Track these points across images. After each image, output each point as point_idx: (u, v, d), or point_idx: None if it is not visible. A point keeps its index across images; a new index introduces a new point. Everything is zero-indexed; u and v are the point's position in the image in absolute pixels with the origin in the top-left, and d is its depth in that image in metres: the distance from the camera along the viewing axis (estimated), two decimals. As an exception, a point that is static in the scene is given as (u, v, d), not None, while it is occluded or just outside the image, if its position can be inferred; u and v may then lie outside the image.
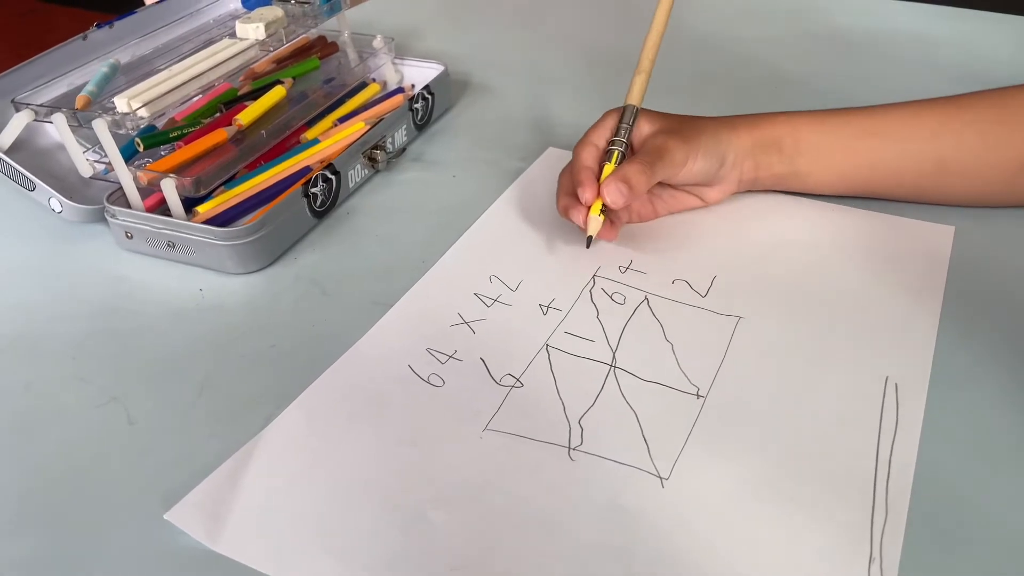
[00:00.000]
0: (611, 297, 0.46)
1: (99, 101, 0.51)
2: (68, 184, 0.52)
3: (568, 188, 0.49)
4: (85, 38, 0.57)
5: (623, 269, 0.49)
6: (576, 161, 0.48)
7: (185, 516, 0.34)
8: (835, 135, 0.50)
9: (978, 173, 0.49)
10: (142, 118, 0.49)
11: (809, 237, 0.50)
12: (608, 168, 0.47)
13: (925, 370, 0.40)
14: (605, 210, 0.47)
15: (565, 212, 0.48)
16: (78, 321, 0.46)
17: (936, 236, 0.49)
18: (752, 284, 0.47)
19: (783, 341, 0.43)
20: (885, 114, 0.50)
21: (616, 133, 0.48)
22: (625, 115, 0.49)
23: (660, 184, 0.49)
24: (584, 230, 0.48)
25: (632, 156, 0.47)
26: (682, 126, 0.49)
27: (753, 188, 0.52)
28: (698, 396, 0.40)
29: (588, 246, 0.48)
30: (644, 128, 0.49)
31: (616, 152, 0.48)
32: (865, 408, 0.38)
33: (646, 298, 0.46)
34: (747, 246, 0.50)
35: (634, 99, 0.49)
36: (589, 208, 0.47)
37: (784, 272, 0.47)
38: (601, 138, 0.49)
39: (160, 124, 0.55)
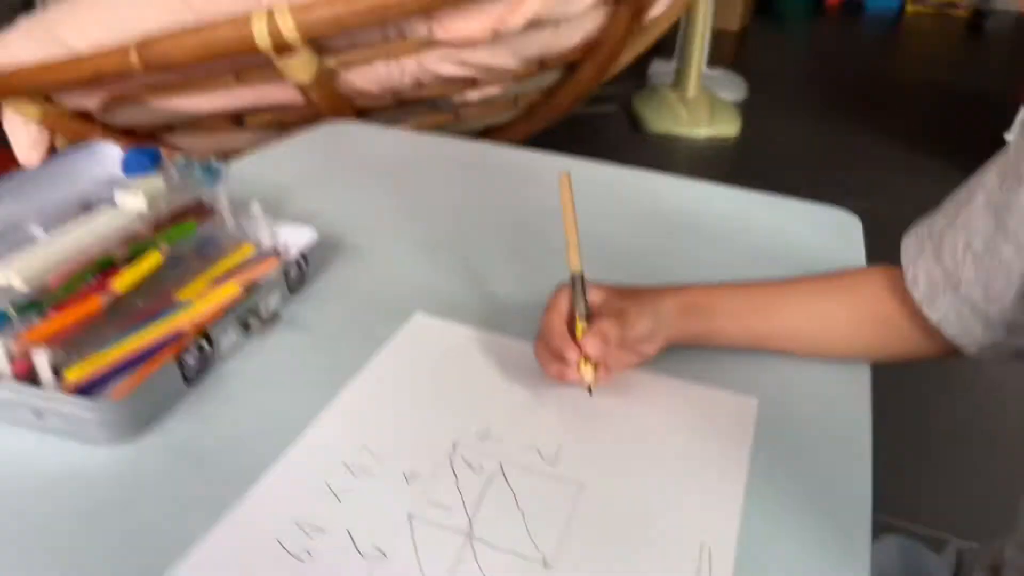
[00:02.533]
0: (470, 465, 0.51)
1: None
2: (-72, 349, 0.52)
3: (551, 357, 0.56)
4: (-42, 201, 0.58)
5: (481, 437, 0.53)
6: (550, 332, 0.56)
7: None
8: (746, 303, 0.61)
9: (846, 332, 0.61)
10: (18, 290, 0.50)
11: (641, 408, 0.57)
12: (580, 327, 0.55)
13: (732, 534, 0.47)
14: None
15: (561, 376, 0.55)
16: (-68, 497, 0.45)
17: (742, 407, 0.58)
18: (593, 453, 0.53)
19: (618, 508, 0.48)
20: (777, 288, 0.62)
21: (575, 300, 0.57)
22: (576, 283, 0.57)
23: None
24: (582, 384, 0.55)
25: (597, 316, 0.56)
26: (623, 294, 0.59)
27: (677, 343, 0.60)
28: (544, 564, 0.44)
29: (591, 392, 0.55)
30: (594, 295, 0.58)
31: (583, 315, 0.56)
32: (684, 573, 0.44)
33: (500, 466, 0.51)
34: (590, 415, 0.56)
35: (577, 267, 0.57)
36: (579, 365, 0.54)
37: (620, 441, 0.54)
38: (563, 307, 0.57)
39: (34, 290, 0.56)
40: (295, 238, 0.71)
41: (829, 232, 0.87)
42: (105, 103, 1.15)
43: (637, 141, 3.02)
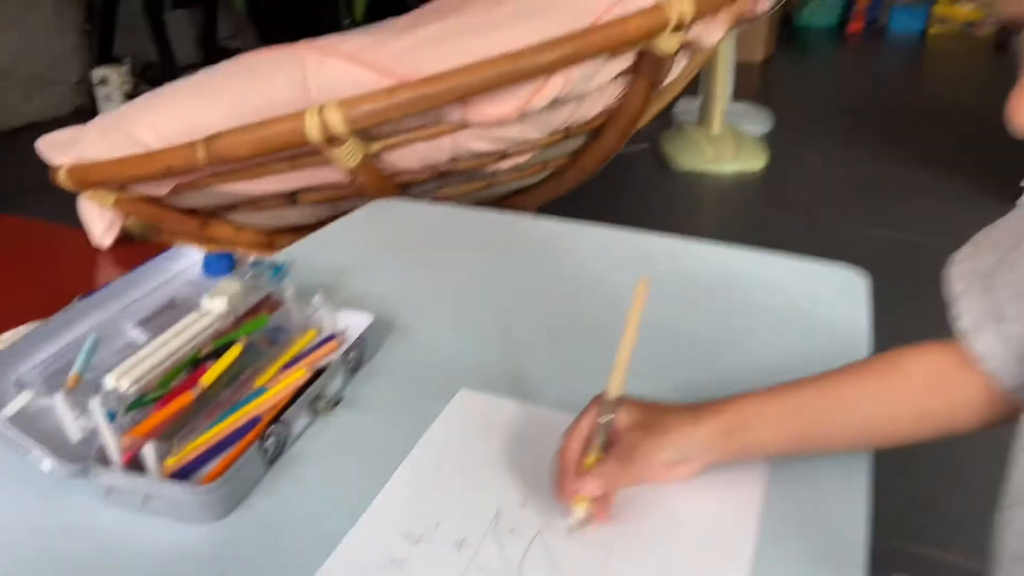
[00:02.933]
0: (511, 531, 0.59)
1: (87, 376, 0.62)
2: (55, 442, 0.61)
3: (559, 472, 0.59)
4: (69, 310, 0.68)
5: (522, 505, 0.61)
6: (564, 454, 0.59)
7: None
8: (781, 409, 0.61)
9: (887, 428, 0.61)
10: (128, 394, 0.60)
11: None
12: (591, 459, 0.58)
13: (745, 591, 0.54)
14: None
15: (557, 497, 0.58)
16: (58, 574, 0.54)
17: (752, 469, 0.64)
18: (621, 518, 0.60)
19: (641, 568, 0.56)
20: (814, 388, 0.62)
21: (598, 429, 0.59)
22: (604, 408, 0.59)
23: None
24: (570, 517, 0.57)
25: (610, 452, 0.58)
26: (653, 422, 0.59)
27: (720, 462, 0.61)
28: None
29: (571, 533, 0.57)
30: (623, 418, 0.59)
31: (598, 445, 0.58)
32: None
33: (539, 532, 0.59)
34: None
35: (614, 394, 0.60)
36: (574, 499, 0.56)
37: (640, 508, 0.61)
38: (586, 427, 0.59)
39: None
40: (353, 321, 0.80)
41: (836, 290, 0.93)
42: (172, 190, 1.26)
43: (666, 179, 3.09)
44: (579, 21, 1.11)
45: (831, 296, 0.92)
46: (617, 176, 3.28)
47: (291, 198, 1.30)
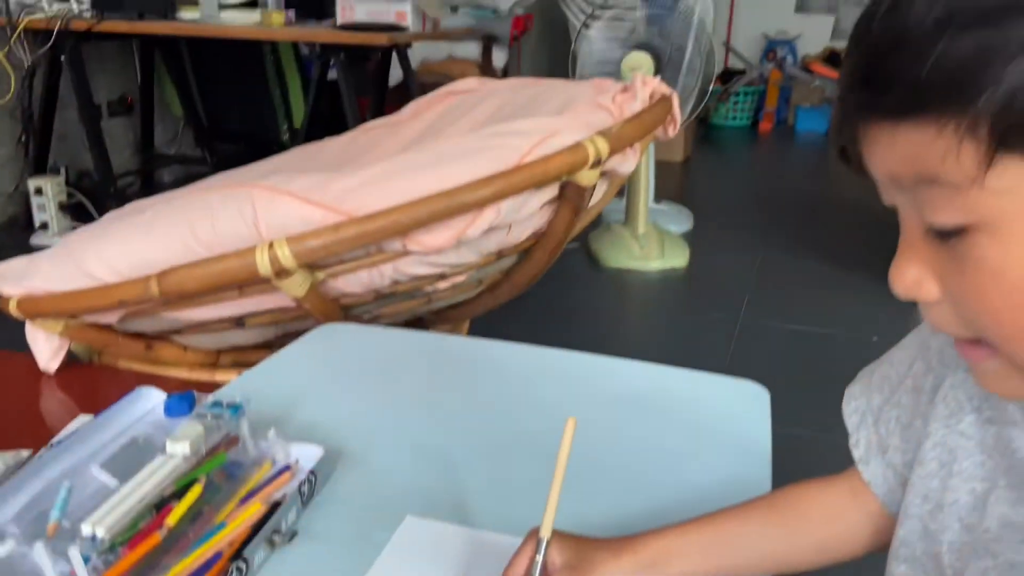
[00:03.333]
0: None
1: (64, 524, 0.67)
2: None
3: None
4: (40, 458, 0.73)
5: (466, 629, 0.68)
6: None
7: None
8: (694, 543, 0.68)
9: (790, 559, 0.69)
10: (103, 540, 0.65)
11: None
12: None
13: None
14: None
15: None
16: None
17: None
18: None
19: None
20: (726, 523, 0.69)
21: (531, 564, 0.64)
22: (540, 547, 0.64)
23: None
24: None
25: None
26: (582, 560, 0.65)
27: None
28: None
29: None
30: (554, 557, 0.65)
31: None
32: None
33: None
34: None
35: (544, 532, 0.64)
36: None
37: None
38: (521, 567, 0.64)
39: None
40: (305, 453, 0.87)
41: (741, 402, 1.05)
42: (121, 318, 1.32)
43: (596, 276, 3.25)
44: (507, 160, 1.24)
45: (737, 410, 1.03)
46: (550, 273, 3.44)
47: (239, 322, 1.37)
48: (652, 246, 3.31)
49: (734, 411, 1.03)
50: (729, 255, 3.46)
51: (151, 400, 0.84)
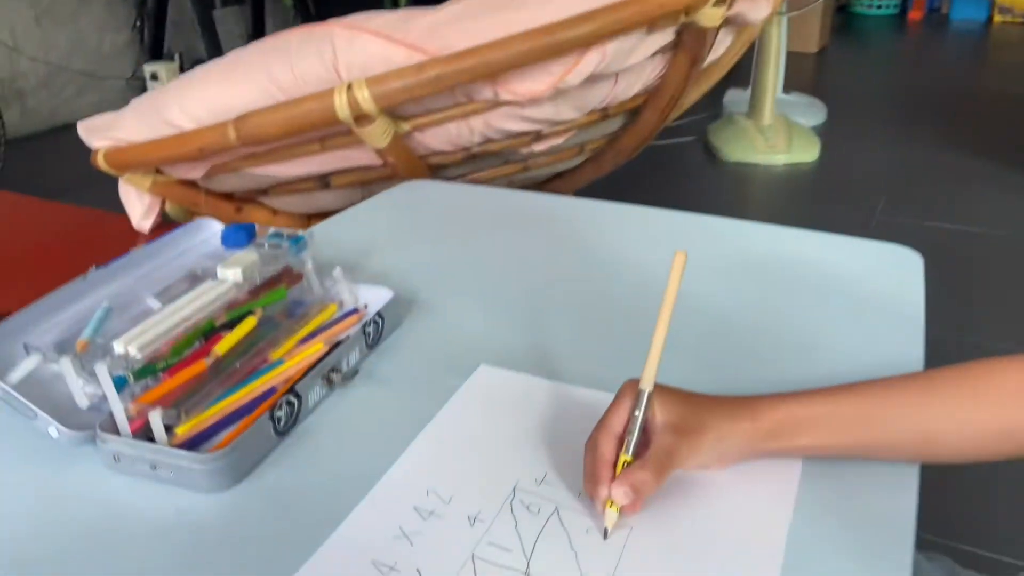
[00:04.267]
0: (528, 508, 0.56)
1: (97, 342, 0.61)
2: (64, 410, 0.60)
3: (591, 473, 0.54)
4: (85, 278, 0.68)
5: (538, 481, 0.58)
6: (595, 452, 0.55)
7: None
8: (833, 415, 0.56)
9: (957, 443, 0.57)
10: (136, 359, 0.58)
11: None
12: (623, 460, 0.54)
13: (778, 561, 0.50)
14: None
15: (591, 497, 0.54)
16: (65, 540, 0.53)
17: (784, 477, 0.60)
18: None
19: (662, 550, 0.52)
20: (874, 393, 0.57)
21: (631, 420, 0.55)
22: (640, 401, 0.55)
23: None
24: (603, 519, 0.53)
25: (646, 454, 0.54)
26: (690, 420, 0.55)
27: (759, 458, 0.57)
28: (594, 601, 0.48)
29: (605, 537, 0.53)
30: (657, 417, 0.55)
31: (628, 444, 0.54)
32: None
33: (556, 509, 0.56)
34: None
35: (646, 384, 0.55)
36: (604, 503, 0.53)
37: (669, 486, 0.57)
38: (618, 423, 0.55)
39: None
40: (374, 297, 0.78)
41: (891, 268, 0.88)
42: (207, 173, 1.26)
43: (714, 171, 3.02)
44: (614, -6, 1.08)
45: (884, 275, 0.87)
46: (662, 169, 3.22)
47: (324, 181, 1.29)
48: (778, 139, 3.03)
49: (883, 277, 0.87)
50: (865, 150, 3.13)
51: (209, 231, 0.77)
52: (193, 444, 0.61)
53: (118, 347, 0.58)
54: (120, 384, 0.60)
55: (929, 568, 0.70)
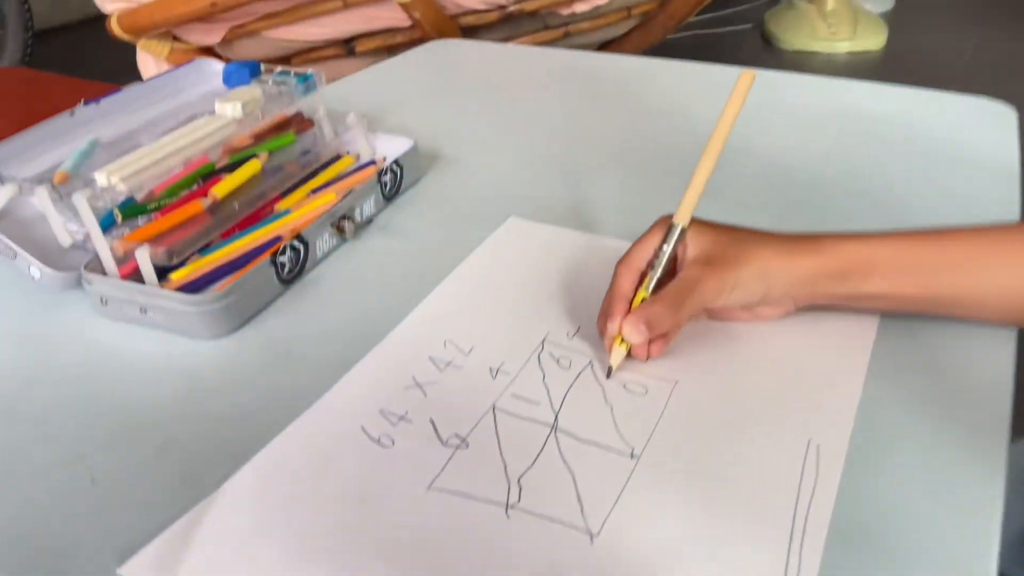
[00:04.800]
0: (558, 362, 0.49)
1: (79, 176, 0.55)
2: (48, 252, 0.55)
3: (606, 311, 0.48)
4: (72, 114, 0.61)
5: (571, 335, 0.51)
6: (614, 285, 0.49)
7: (138, 572, 0.36)
8: (912, 268, 0.47)
9: None
10: (120, 192, 0.52)
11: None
12: (639, 297, 0.47)
13: (845, 434, 0.42)
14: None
15: (601, 334, 0.48)
16: (50, 386, 0.48)
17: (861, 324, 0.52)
18: (691, 350, 0.49)
19: (715, 404, 0.45)
20: (964, 242, 0.48)
21: (656, 255, 0.48)
22: (669, 235, 0.48)
23: None
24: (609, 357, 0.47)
25: (664, 288, 0.47)
26: (725, 252, 0.47)
27: (815, 306, 0.50)
28: (632, 456, 0.42)
29: (608, 376, 0.47)
30: (689, 247, 0.48)
31: (648, 279, 0.48)
32: (786, 469, 0.40)
33: (590, 363, 0.49)
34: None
35: (680, 217, 0.48)
36: (612, 340, 0.47)
37: (721, 338, 0.50)
38: (641, 258, 0.49)
39: (140, 198, 0.58)
40: (393, 148, 0.71)
41: (982, 122, 0.78)
42: (225, 37, 1.18)
43: (771, 60, 2.83)
44: None
45: (975, 131, 0.76)
46: (716, 59, 3.03)
47: (348, 47, 1.20)
48: (842, 25, 2.81)
49: (974, 133, 0.76)
50: (937, 37, 2.90)
51: (210, 69, 0.69)
52: (189, 292, 0.55)
53: (100, 178, 0.52)
54: (108, 224, 0.54)
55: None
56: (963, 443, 0.42)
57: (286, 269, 0.56)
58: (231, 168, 0.62)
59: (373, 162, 0.70)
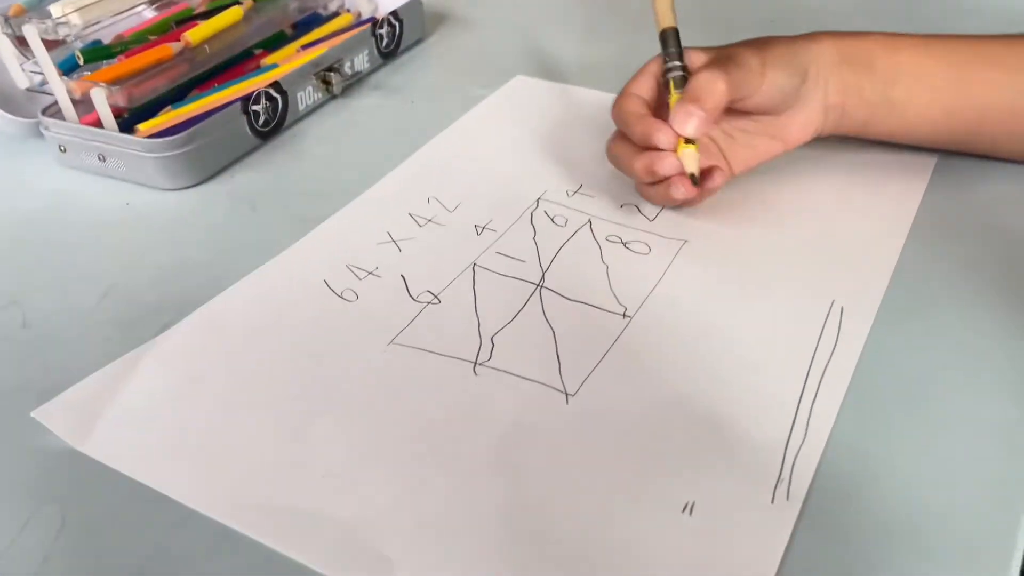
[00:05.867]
0: (552, 220, 0.43)
1: (39, 9, 0.49)
2: (8, 97, 0.51)
3: (632, 150, 0.40)
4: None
5: (571, 193, 0.46)
6: (625, 117, 0.41)
7: (53, 415, 0.32)
8: (943, 61, 0.41)
9: None
10: (75, 25, 0.47)
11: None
12: (674, 99, 0.40)
13: (875, 298, 0.36)
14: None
15: (651, 172, 0.39)
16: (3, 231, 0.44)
17: (915, 164, 0.45)
18: (707, 209, 0.43)
19: (728, 264, 0.39)
20: (1008, 43, 0.41)
21: (666, 62, 0.41)
22: (668, 41, 0.41)
23: (733, 119, 0.41)
24: (683, 174, 0.39)
25: (697, 69, 0.39)
26: (744, 46, 0.40)
27: (842, 125, 0.42)
28: (624, 316, 0.36)
29: (695, 184, 0.39)
30: (697, 58, 0.41)
31: (673, 80, 0.40)
32: (803, 329, 0.35)
33: (589, 221, 0.43)
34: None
35: (668, 20, 0.41)
36: (675, 149, 0.39)
37: (743, 196, 0.44)
38: (643, 87, 0.41)
39: (108, 42, 0.53)
40: (396, 5, 0.64)
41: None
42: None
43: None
44: None
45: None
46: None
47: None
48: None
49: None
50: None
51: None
52: (158, 143, 0.50)
53: (55, 10, 0.47)
54: (70, 67, 0.50)
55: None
56: (1005, 317, 0.35)
57: (261, 120, 0.51)
58: (210, 15, 0.56)
59: (373, 19, 0.64)
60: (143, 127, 0.50)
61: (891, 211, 0.42)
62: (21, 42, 0.49)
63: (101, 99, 0.46)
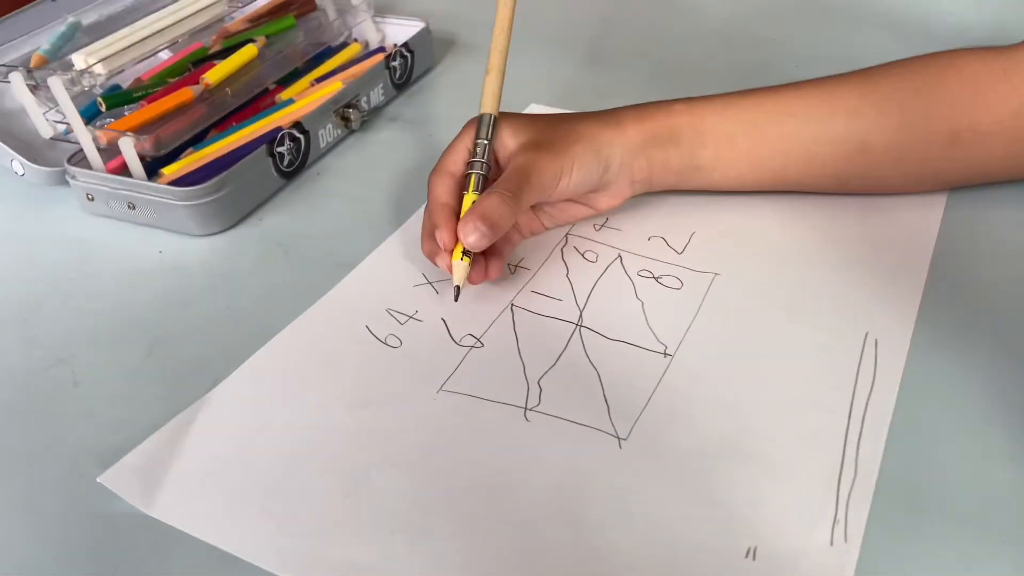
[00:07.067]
0: (583, 255, 0.44)
1: (59, 60, 0.50)
2: (32, 147, 0.51)
3: (429, 229, 0.41)
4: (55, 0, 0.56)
5: (598, 227, 0.46)
6: (430, 197, 0.42)
7: (119, 479, 0.33)
8: (742, 121, 0.44)
9: (905, 151, 0.43)
10: (99, 75, 0.47)
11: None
12: (468, 199, 0.40)
13: (907, 327, 0.37)
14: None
15: (431, 257, 0.41)
16: (34, 284, 0.44)
17: (928, 198, 0.46)
18: (733, 240, 0.44)
19: (760, 297, 0.40)
20: (798, 93, 0.44)
21: (472, 153, 0.42)
22: (480, 129, 0.42)
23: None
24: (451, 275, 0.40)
25: (493, 184, 0.40)
26: (552, 135, 0.42)
27: (651, 189, 0.45)
28: (665, 355, 0.37)
29: (456, 298, 0.40)
30: (508, 141, 0.42)
31: (473, 177, 0.41)
32: (841, 364, 0.36)
33: (619, 256, 0.44)
34: (728, 201, 0.47)
35: (488, 107, 0.42)
36: (452, 252, 0.40)
37: (767, 226, 0.45)
38: (457, 162, 0.42)
39: (126, 85, 0.53)
40: (404, 34, 0.65)
41: None
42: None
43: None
44: None
45: None
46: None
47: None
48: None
49: None
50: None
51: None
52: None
53: (77, 61, 0.47)
54: (92, 114, 0.50)
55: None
56: (1044, 337, 0.37)
57: (285, 161, 0.51)
58: (224, 54, 0.57)
59: (383, 49, 0.64)
60: (167, 171, 0.51)
61: (911, 240, 0.43)
62: (36, 88, 0.50)
63: (129, 149, 0.47)
